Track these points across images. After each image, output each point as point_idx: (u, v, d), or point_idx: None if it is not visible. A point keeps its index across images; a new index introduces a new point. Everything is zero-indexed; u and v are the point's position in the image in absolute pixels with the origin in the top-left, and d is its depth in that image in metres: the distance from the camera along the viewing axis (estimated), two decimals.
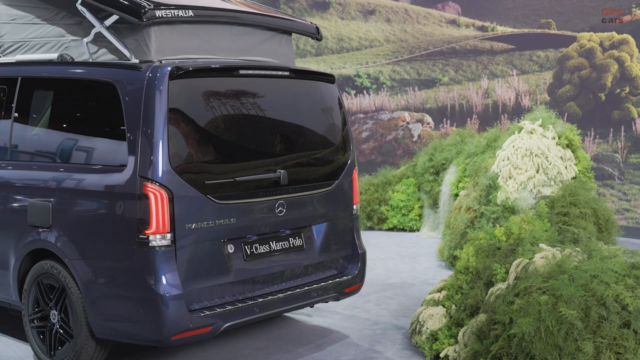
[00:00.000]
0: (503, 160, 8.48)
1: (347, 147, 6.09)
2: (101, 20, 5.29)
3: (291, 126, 5.73)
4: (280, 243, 5.52)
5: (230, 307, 5.16)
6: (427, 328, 5.76)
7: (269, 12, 6.18)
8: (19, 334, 6.12)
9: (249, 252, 5.28)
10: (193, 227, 4.92)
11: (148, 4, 5.09)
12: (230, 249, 5.17)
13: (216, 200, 5.04)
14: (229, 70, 5.29)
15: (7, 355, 5.87)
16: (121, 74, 5.09)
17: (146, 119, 4.83)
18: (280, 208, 5.44)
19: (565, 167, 8.30)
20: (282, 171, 5.41)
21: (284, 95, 5.70)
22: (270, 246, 5.44)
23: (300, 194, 5.61)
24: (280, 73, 5.68)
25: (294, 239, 5.63)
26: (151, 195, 4.78)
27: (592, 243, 5.60)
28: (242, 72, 5.33)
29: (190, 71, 4.98)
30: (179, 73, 4.91)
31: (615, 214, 9.76)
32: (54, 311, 5.40)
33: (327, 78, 6.04)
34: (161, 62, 5.09)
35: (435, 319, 5.77)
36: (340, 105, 6.10)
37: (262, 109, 5.45)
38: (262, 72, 5.53)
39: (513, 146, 8.49)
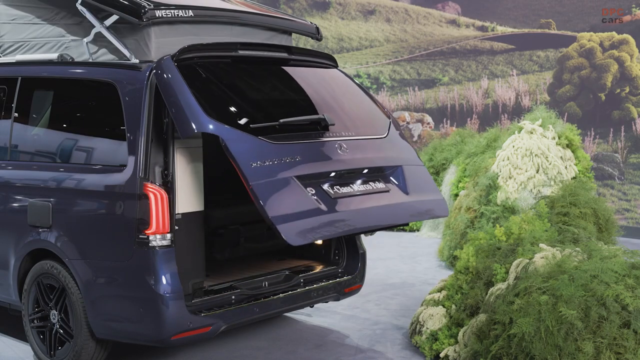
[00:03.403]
0: (503, 160, 8.48)
1: (383, 109, 6.00)
2: (101, 20, 5.29)
3: (321, 92, 5.69)
4: (358, 184, 5.20)
5: (230, 307, 5.16)
6: (427, 328, 5.76)
7: (269, 12, 6.18)
8: (19, 334, 6.12)
9: (329, 191, 4.95)
10: (258, 164, 4.66)
11: (148, 4, 5.09)
12: (310, 190, 4.85)
13: (271, 141, 4.84)
14: (230, 49, 5.27)
15: (7, 355, 5.87)
16: (121, 74, 5.08)
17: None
18: (343, 148, 5.18)
19: (565, 167, 8.29)
20: (325, 115, 5.24)
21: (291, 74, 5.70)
22: (349, 187, 5.11)
23: (357, 137, 5.39)
24: (278, 55, 5.64)
25: (373, 182, 5.33)
26: (151, 195, 4.78)
27: (592, 243, 5.60)
28: (241, 52, 5.30)
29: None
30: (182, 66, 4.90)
31: (615, 214, 9.75)
32: (54, 311, 5.40)
33: (330, 63, 6.04)
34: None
35: (435, 319, 5.77)
36: (361, 87, 6.08)
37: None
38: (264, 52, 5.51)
39: (513, 146, 8.49)
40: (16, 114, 5.86)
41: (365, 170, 5.29)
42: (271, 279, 5.66)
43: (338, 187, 5.01)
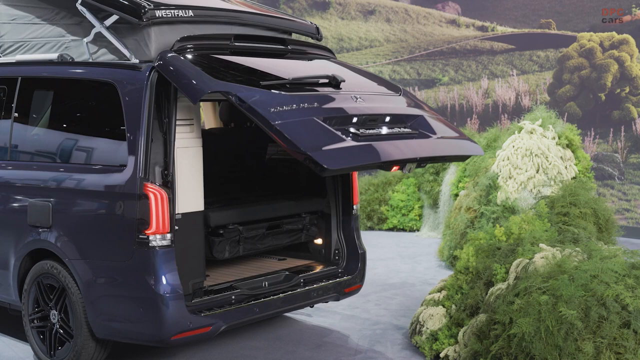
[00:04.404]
0: (503, 160, 8.48)
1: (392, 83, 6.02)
2: (101, 20, 5.29)
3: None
4: (383, 128, 5.08)
5: (230, 307, 5.16)
6: (427, 328, 5.76)
7: (269, 12, 6.18)
8: (19, 334, 6.12)
9: (355, 131, 4.81)
10: (277, 109, 4.60)
11: (148, 4, 5.09)
12: (336, 129, 4.74)
13: (285, 92, 4.84)
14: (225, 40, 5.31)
15: (7, 355, 5.87)
16: (121, 74, 5.09)
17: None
18: (359, 99, 5.13)
19: (565, 167, 8.29)
20: (334, 74, 5.23)
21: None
22: (374, 130, 4.97)
23: (371, 92, 5.41)
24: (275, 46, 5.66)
25: (397, 127, 5.18)
26: (151, 195, 4.78)
27: (592, 243, 5.60)
28: (237, 43, 5.33)
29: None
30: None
31: (615, 214, 9.75)
32: (54, 311, 5.40)
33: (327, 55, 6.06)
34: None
35: (435, 319, 5.77)
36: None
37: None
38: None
39: (513, 146, 8.49)
40: (16, 114, 5.86)
41: (387, 118, 5.16)
42: (271, 279, 5.66)
43: (363, 129, 4.86)
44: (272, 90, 4.79)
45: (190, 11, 5.30)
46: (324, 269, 6.04)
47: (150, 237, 4.78)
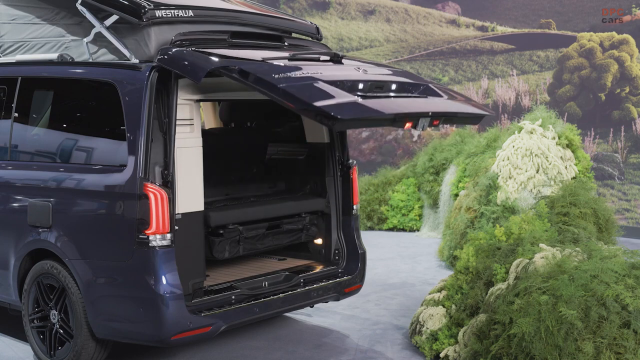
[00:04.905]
0: (503, 160, 8.48)
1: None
2: (101, 20, 5.29)
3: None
4: (390, 92, 5.06)
5: (230, 307, 5.16)
6: (427, 328, 5.76)
7: (269, 12, 6.18)
8: (19, 334, 6.12)
9: (362, 93, 4.77)
10: (280, 75, 4.62)
11: (148, 4, 5.09)
12: (341, 89, 4.73)
13: (286, 62, 4.93)
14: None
15: (7, 355, 5.87)
16: (121, 74, 5.09)
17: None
18: (362, 70, 5.18)
19: (565, 167, 8.29)
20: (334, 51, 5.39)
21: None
22: (382, 92, 4.96)
23: (374, 64, 5.54)
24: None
25: (405, 91, 5.20)
26: (151, 195, 4.78)
27: (592, 243, 5.60)
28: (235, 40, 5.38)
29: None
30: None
31: (615, 214, 9.75)
32: (54, 311, 5.40)
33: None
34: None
35: (435, 319, 5.77)
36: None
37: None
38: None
39: (513, 146, 8.49)
40: (16, 114, 5.86)
41: (394, 86, 5.13)
42: (271, 279, 5.66)
43: (370, 93, 4.82)
44: (272, 62, 4.84)
45: (190, 11, 5.30)
46: (324, 269, 6.04)
47: (150, 237, 4.78)
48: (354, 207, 6.13)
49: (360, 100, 4.54)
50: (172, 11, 5.19)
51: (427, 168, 10.90)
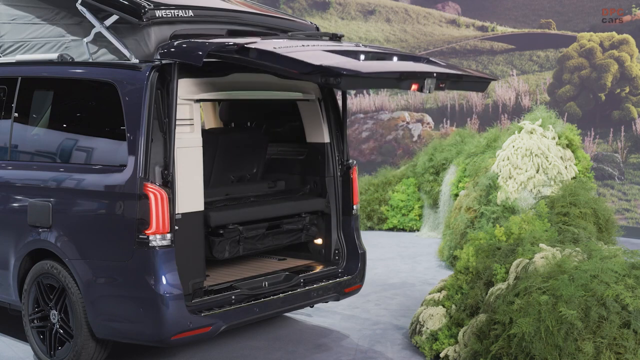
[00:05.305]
0: (503, 160, 8.48)
1: None
2: (101, 20, 5.29)
3: None
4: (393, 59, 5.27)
5: (230, 307, 5.16)
6: (427, 328, 5.76)
7: (269, 12, 6.18)
8: (19, 334, 6.12)
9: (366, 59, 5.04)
10: (281, 47, 4.78)
11: (148, 4, 5.09)
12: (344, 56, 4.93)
13: (287, 38, 5.17)
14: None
15: (7, 355, 5.87)
16: (121, 74, 5.09)
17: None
18: (361, 45, 5.42)
19: (565, 167, 8.29)
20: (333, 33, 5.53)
21: None
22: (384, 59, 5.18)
23: (375, 46, 5.68)
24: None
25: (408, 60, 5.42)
26: (151, 195, 4.78)
27: (592, 243, 5.60)
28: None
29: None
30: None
31: (615, 214, 9.74)
32: (54, 311, 5.40)
33: None
34: (161, 61, 5.09)
35: (435, 319, 5.77)
36: None
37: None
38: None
39: (513, 146, 8.49)
40: (16, 114, 5.86)
41: (395, 58, 5.22)
42: (271, 279, 5.66)
43: (372, 61, 4.97)
44: (273, 39, 4.94)
45: (190, 11, 5.30)
46: (324, 269, 6.04)
47: (150, 237, 4.78)
48: (354, 207, 6.14)
49: (365, 62, 4.71)
50: (172, 11, 5.19)
51: (427, 168, 10.90)
